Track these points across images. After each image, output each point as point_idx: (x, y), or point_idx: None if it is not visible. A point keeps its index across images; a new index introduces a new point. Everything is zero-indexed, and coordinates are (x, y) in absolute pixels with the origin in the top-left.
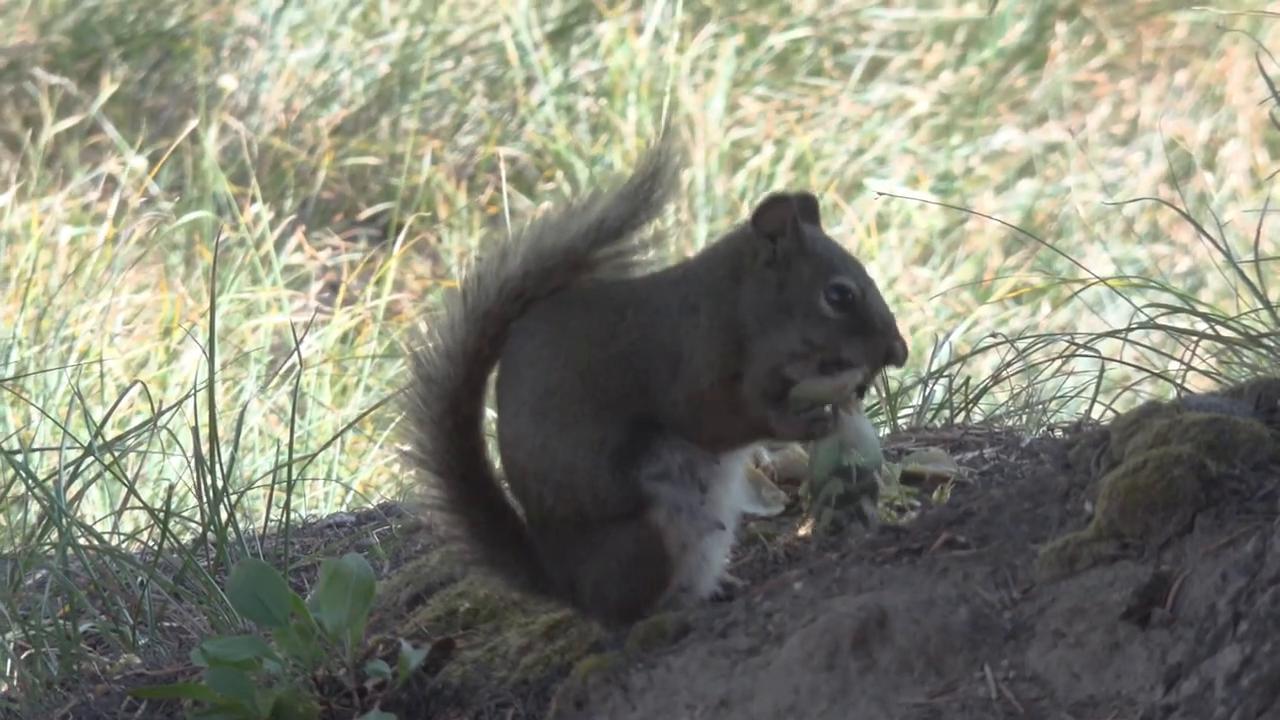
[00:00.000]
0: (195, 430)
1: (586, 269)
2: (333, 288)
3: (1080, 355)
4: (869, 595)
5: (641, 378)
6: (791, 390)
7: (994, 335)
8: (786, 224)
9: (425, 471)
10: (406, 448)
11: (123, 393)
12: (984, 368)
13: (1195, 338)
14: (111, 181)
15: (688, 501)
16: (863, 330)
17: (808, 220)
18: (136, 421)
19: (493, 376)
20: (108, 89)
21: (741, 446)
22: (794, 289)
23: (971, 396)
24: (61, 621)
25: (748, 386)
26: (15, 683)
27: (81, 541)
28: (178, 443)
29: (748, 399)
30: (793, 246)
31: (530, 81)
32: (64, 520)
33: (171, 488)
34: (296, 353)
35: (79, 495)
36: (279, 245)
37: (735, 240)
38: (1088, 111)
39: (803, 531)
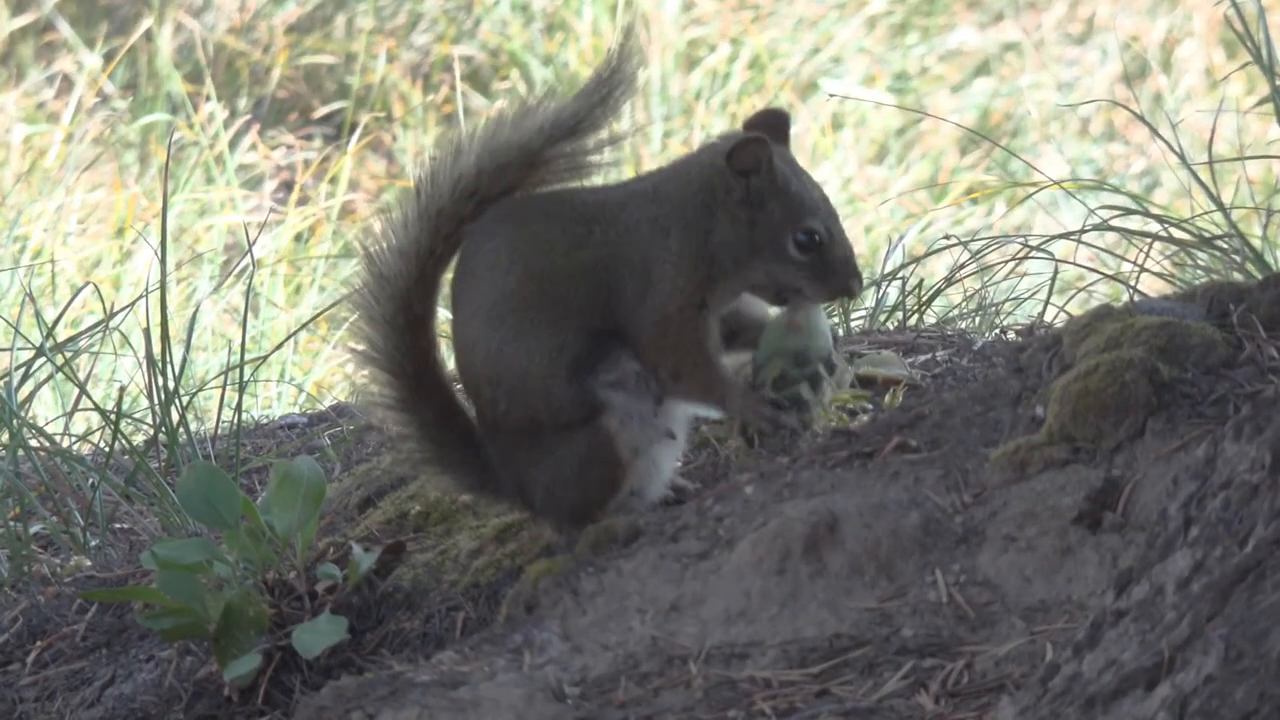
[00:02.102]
0: (147, 331)
1: (541, 167)
2: (287, 187)
3: (1034, 257)
4: (820, 499)
5: (607, 293)
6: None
7: (947, 237)
8: (762, 164)
9: (376, 370)
10: (358, 347)
11: (75, 293)
12: (938, 269)
13: (1149, 239)
14: (66, 80)
15: (640, 410)
16: (825, 272)
17: (778, 140)
18: (89, 322)
19: (447, 277)
20: None
21: (695, 397)
22: (763, 228)
23: (925, 299)
24: (12, 523)
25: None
26: None
27: (33, 443)
28: (129, 344)
29: (708, 336)
30: (765, 185)
31: None
32: (15, 421)
33: (123, 389)
34: (249, 253)
35: (30, 396)
36: (233, 144)
37: (708, 170)
38: (1044, 10)
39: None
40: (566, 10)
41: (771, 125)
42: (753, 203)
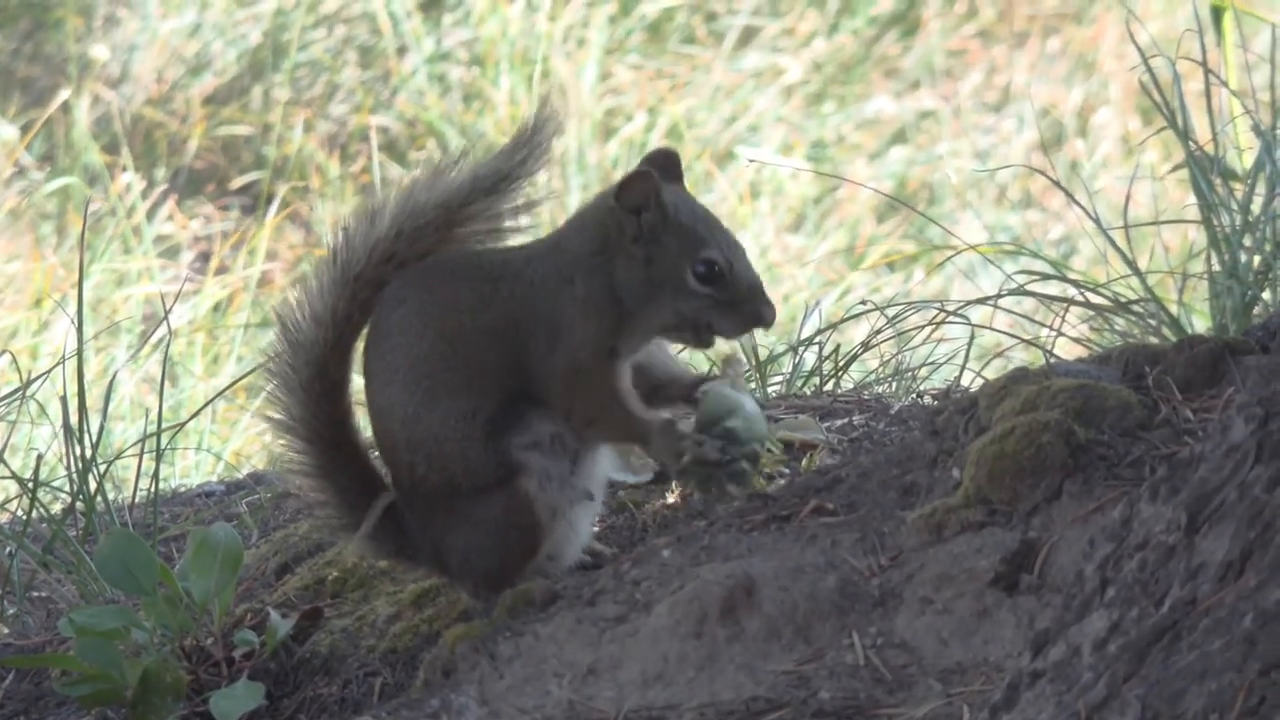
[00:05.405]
0: (64, 399)
1: (458, 226)
2: (205, 257)
3: (951, 322)
4: (737, 563)
5: (518, 349)
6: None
7: (864, 302)
8: (650, 198)
9: (293, 438)
10: (275, 415)
11: None
12: (856, 335)
13: (1065, 304)
14: None
15: (558, 471)
16: (731, 301)
17: (671, 179)
18: (5, 391)
19: (359, 344)
20: None
21: (614, 438)
22: (662, 264)
23: (842, 364)
24: None
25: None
26: None
27: None
28: (46, 413)
29: (620, 379)
30: (657, 220)
31: (403, 50)
32: None
33: (40, 457)
34: (165, 321)
35: None
36: (151, 215)
37: (601, 213)
38: (960, 79)
39: (671, 499)
40: (483, 80)
41: (662, 164)
42: (647, 239)
